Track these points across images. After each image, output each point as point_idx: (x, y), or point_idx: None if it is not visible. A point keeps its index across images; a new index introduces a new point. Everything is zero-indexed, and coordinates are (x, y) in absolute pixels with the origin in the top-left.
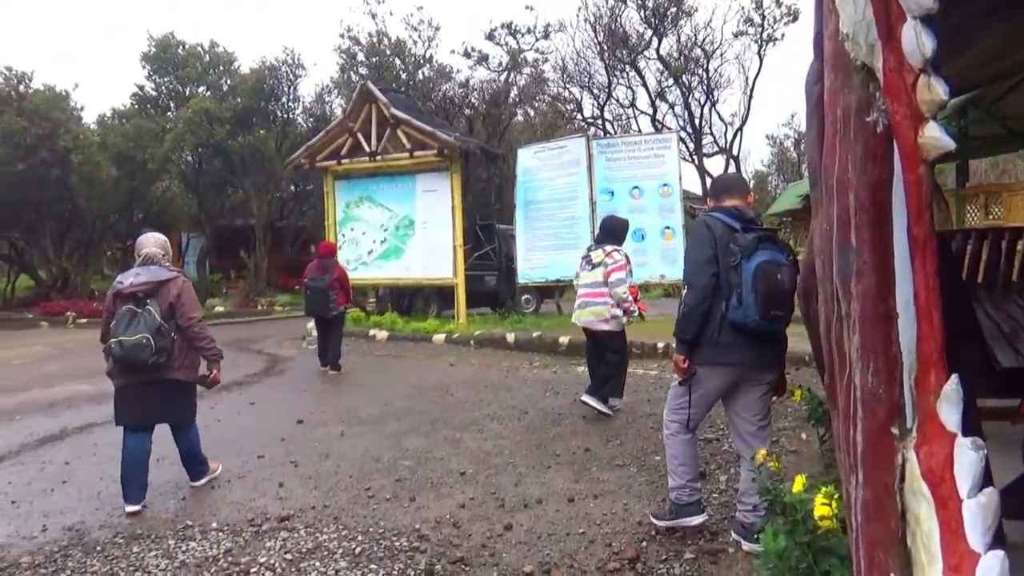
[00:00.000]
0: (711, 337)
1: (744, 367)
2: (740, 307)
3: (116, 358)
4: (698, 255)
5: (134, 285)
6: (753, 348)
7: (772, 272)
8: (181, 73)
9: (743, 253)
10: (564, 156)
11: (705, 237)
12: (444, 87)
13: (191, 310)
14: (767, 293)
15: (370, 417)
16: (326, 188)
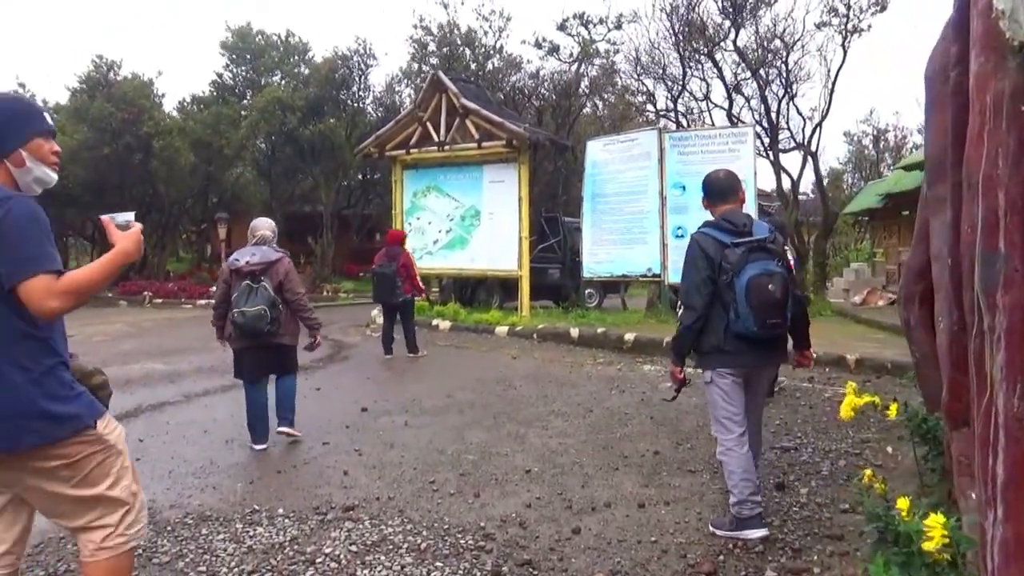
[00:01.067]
0: (719, 346)
1: (753, 367)
2: (739, 320)
3: (238, 325)
4: (694, 276)
5: (250, 264)
6: (757, 352)
7: (763, 285)
8: (258, 62)
9: (733, 270)
10: (635, 149)
11: (699, 257)
12: (514, 78)
13: (297, 286)
14: (760, 305)
15: (433, 408)
16: (394, 177)
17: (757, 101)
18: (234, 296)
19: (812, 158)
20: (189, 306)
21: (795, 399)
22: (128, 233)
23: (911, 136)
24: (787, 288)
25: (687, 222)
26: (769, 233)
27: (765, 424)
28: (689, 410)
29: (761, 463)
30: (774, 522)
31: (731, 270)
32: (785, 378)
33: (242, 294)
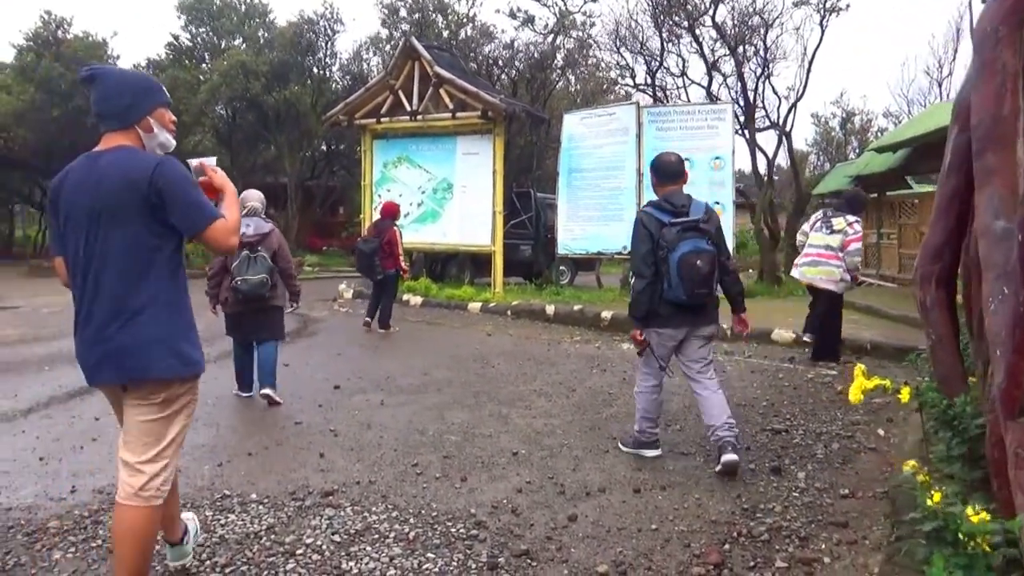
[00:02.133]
0: (655, 310)
1: (683, 328)
2: (671, 288)
3: (241, 291)
4: (641, 249)
5: (247, 236)
6: (686, 316)
7: (692, 261)
8: (216, 24)
9: (669, 247)
10: (612, 124)
11: (644, 233)
12: (487, 48)
13: (288, 255)
14: (689, 278)
15: (410, 386)
16: (364, 147)
17: (734, 79)
18: (234, 265)
19: (786, 138)
20: None
21: (778, 379)
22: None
23: (876, 120)
24: (714, 263)
25: None
26: (704, 213)
27: (751, 405)
28: (673, 390)
29: (754, 445)
30: (776, 508)
31: (667, 246)
32: (766, 359)
33: (243, 263)
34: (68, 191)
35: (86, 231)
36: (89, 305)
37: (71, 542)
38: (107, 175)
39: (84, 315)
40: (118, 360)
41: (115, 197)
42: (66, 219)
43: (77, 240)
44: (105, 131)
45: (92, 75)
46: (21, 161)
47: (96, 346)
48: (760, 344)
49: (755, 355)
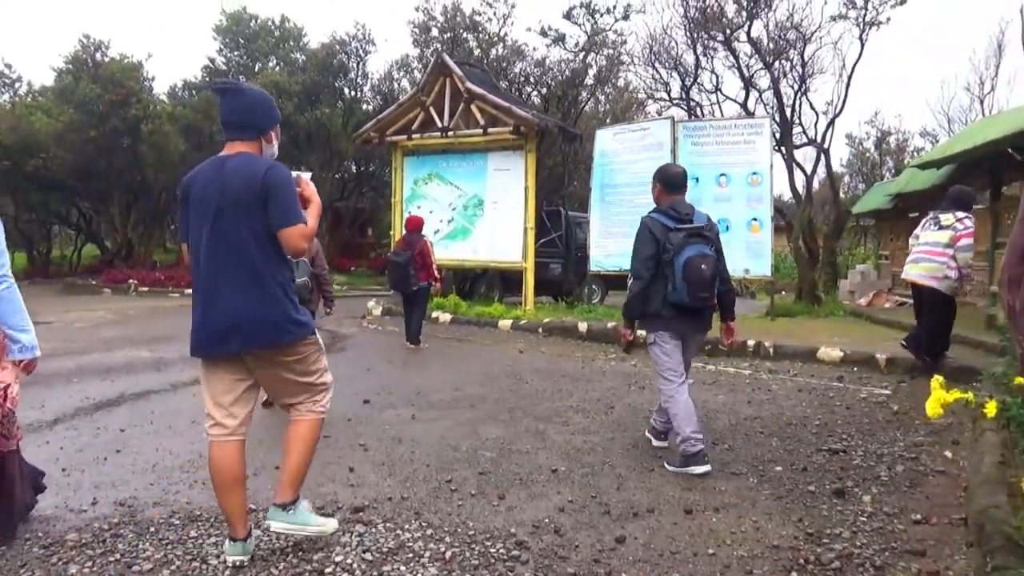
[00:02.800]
0: (658, 312)
1: (684, 331)
2: (675, 291)
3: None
4: (644, 252)
5: None
6: (688, 319)
7: (697, 264)
8: (252, 47)
9: (675, 250)
10: (647, 139)
11: (648, 238)
12: (518, 67)
13: (324, 262)
14: (693, 281)
15: (441, 402)
16: (394, 164)
17: (769, 95)
18: None
19: (824, 155)
20: (176, 295)
21: (828, 398)
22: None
23: (912, 139)
24: (716, 269)
25: None
26: (706, 222)
27: (803, 424)
28: (718, 408)
29: (810, 465)
30: (843, 533)
31: (673, 250)
32: (813, 378)
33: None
34: (197, 188)
35: (212, 221)
36: (215, 284)
37: (88, 556)
38: (232, 175)
39: (208, 293)
40: (248, 330)
41: (238, 193)
42: (198, 209)
43: (202, 228)
44: (231, 139)
45: (227, 88)
46: (59, 182)
47: (224, 317)
48: (805, 363)
49: (801, 373)
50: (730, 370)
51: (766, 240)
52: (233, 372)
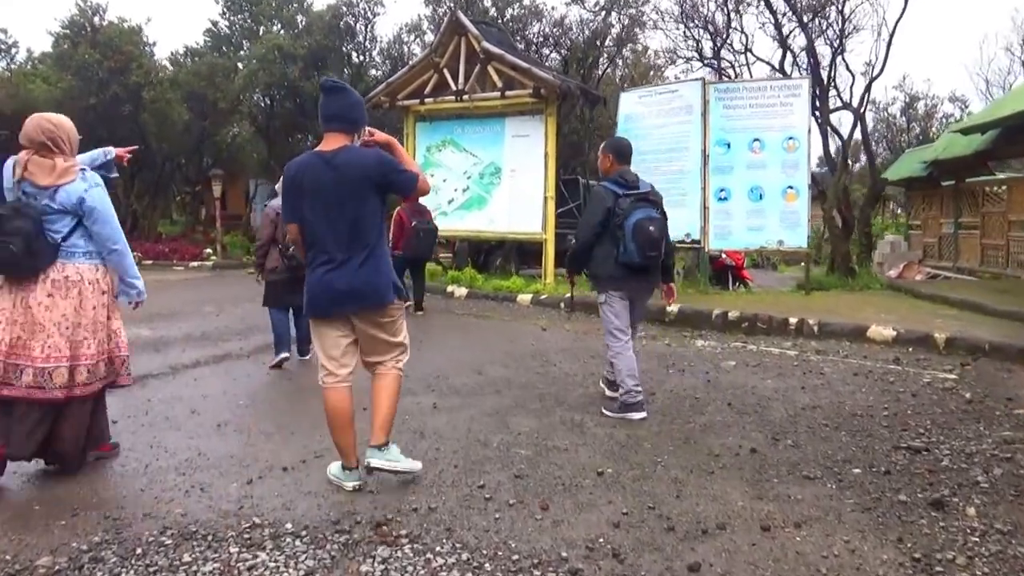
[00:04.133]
0: (611, 272)
1: (633, 290)
2: (626, 252)
3: (295, 259)
4: (591, 218)
5: None
6: (638, 278)
7: (645, 226)
8: (255, 9)
9: (624, 215)
10: (675, 102)
11: (599, 206)
12: (536, 27)
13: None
14: (642, 242)
15: (464, 387)
16: (406, 130)
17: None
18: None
19: (860, 120)
20: (180, 268)
21: (889, 384)
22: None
23: (942, 105)
24: (663, 231)
25: (731, 183)
26: (651, 189)
27: (870, 415)
28: (770, 395)
29: (893, 468)
30: (957, 559)
31: (622, 214)
32: (867, 360)
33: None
34: (311, 178)
35: (333, 206)
36: (335, 257)
37: None
38: (347, 168)
39: (329, 264)
40: (366, 292)
41: (353, 183)
42: (312, 195)
43: (322, 212)
44: (332, 131)
45: (335, 87)
46: None
47: (341, 284)
48: (854, 342)
49: (852, 355)
50: (773, 350)
51: (802, 209)
52: (340, 330)
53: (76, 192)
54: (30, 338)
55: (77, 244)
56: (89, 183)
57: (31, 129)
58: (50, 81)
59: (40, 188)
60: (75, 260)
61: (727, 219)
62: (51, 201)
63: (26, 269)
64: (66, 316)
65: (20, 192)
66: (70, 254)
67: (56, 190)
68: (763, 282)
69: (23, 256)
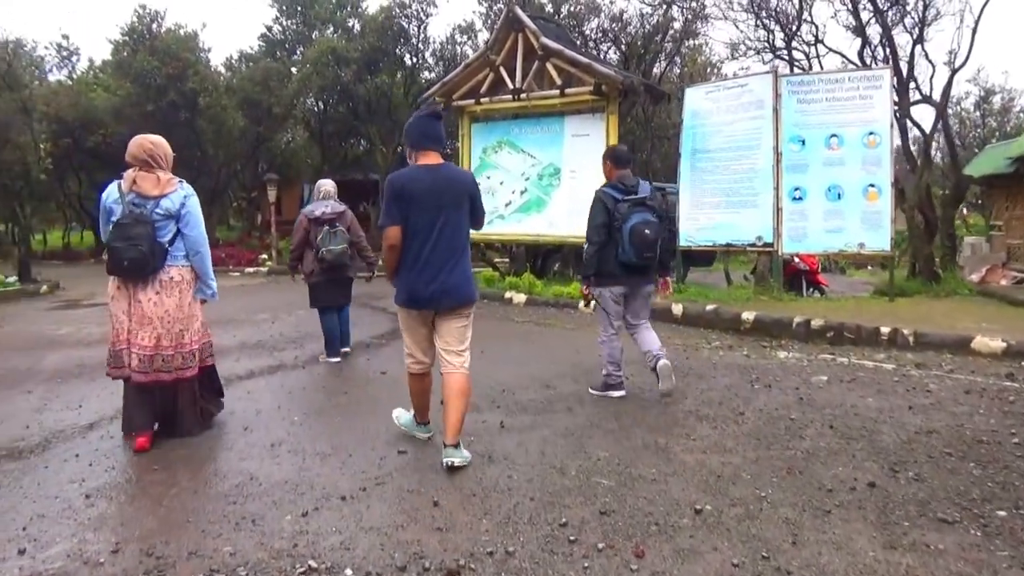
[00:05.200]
0: (609, 270)
1: (630, 285)
2: (624, 252)
3: (326, 260)
4: (596, 220)
5: (326, 214)
6: (634, 275)
7: (641, 230)
8: (310, 13)
9: (622, 219)
10: (744, 96)
11: (601, 208)
12: (594, 23)
13: (360, 231)
14: (638, 244)
15: (532, 403)
16: (461, 131)
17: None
18: (318, 239)
19: (942, 114)
20: (237, 274)
21: (1010, 404)
22: None
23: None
24: (659, 233)
25: (807, 182)
26: (650, 193)
27: (998, 443)
28: (874, 416)
29: None
30: None
31: (620, 218)
32: (974, 375)
33: (326, 236)
34: (420, 188)
35: (440, 214)
36: (438, 258)
37: None
38: (452, 181)
39: (423, 264)
40: (460, 292)
41: (456, 195)
42: (420, 204)
43: (428, 218)
44: (430, 150)
45: (436, 113)
46: (118, 158)
47: (440, 284)
48: (956, 354)
49: (957, 369)
50: (867, 364)
51: (885, 209)
52: (425, 325)
53: (178, 199)
54: (139, 329)
55: (179, 248)
56: (188, 192)
57: (134, 148)
58: (110, 89)
59: (147, 198)
60: (177, 263)
61: (802, 220)
62: (157, 209)
63: (149, 269)
64: (168, 311)
65: (130, 204)
66: (173, 257)
67: (161, 199)
68: (835, 287)
69: (148, 257)
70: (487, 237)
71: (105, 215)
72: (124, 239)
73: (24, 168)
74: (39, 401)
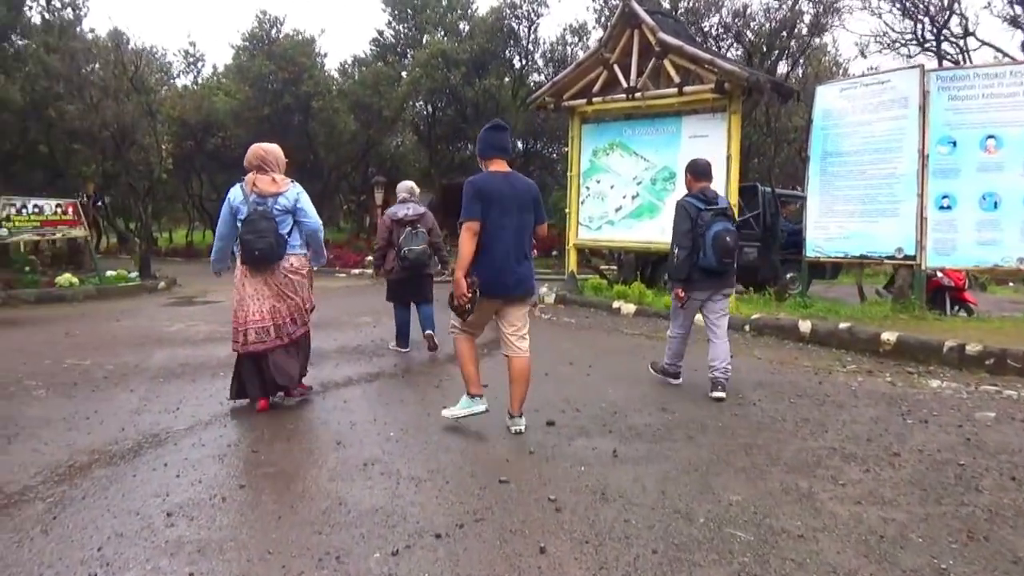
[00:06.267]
0: (691, 276)
1: (710, 290)
2: (705, 258)
3: (407, 259)
4: (682, 227)
5: (408, 216)
6: (714, 280)
7: (723, 237)
8: (420, 17)
9: (705, 227)
10: (886, 94)
11: (685, 216)
12: (714, 19)
13: (439, 232)
14: (720, 250)
15: (648, 429)
16: (571, 133)
17: None
18: (400, 239)
19: None
20: (343, 275)
21: None
22: None
23: None
24: (737, 240)
25: (956, 189)
26: (727, 205)
27: None
28: None
29: None
30: None
31: (703, 226)
32: None
33: (408, 237)
34: (496, 191)
35: (513, 215)
36: (506, 250)
37: None
38: (522, 187)
39: (502, 257)
40: (527, 283)
41: (524, 199)
42: (497, 205)
43: (501, 218)
44: (499, 158)
45: (502, 125)
46: (236, 160)
47: (513, 274)
48: None
49: None
50: None
51: None
52: (492, 310)
53: (292, 195)
54: (259, 307)
55: (294, 239)
56: (299, 188)
57: (250, 155)
58: (230, 93)
59: (266, 196)
60: (295, 251)
61: (950, 231)
62: (276, 205)
63: (275, 258)
64: (286, 292)
65: (253, 203)
66: (292, 247)
67: (278, 196)
68: (981, 306)
69: (275, 246)
70: (596, 243)
71: (232, 214)
72: (253, 232)
73: (147, 168)
74: (139, 401)
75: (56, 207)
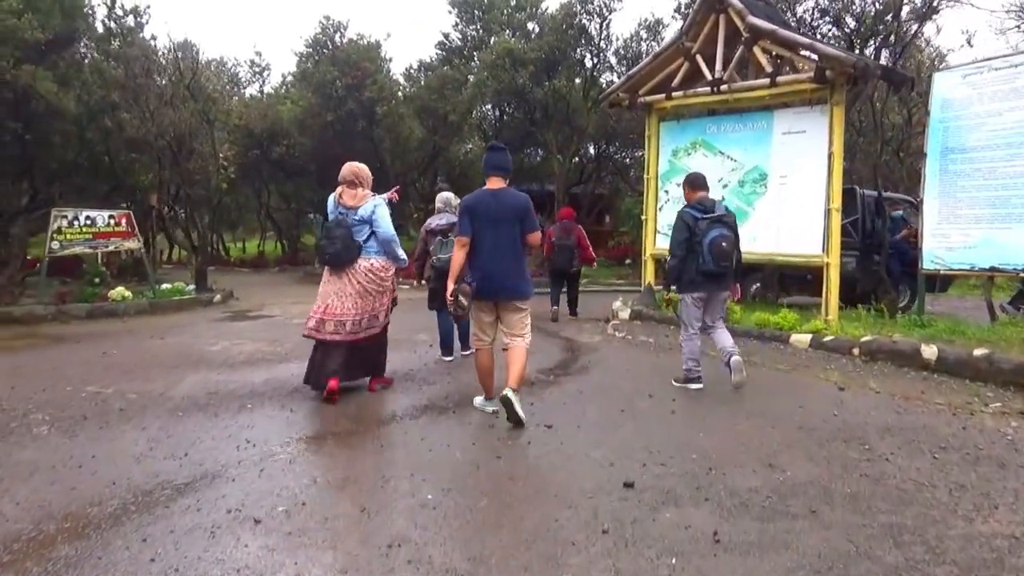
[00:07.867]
0: (692, 278)
1: (709, 290)
2: (704, 262)
3: (437, 268)
4: (679, 237)
5: (440, 226)
6: (713, 281)
7: (719, 243)
8: (487, 17)
9: (702, 234)
10: (1020, 79)
11: (683, 226)
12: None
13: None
14: (716, 254)
15: (755, 497)
16: (648, 132)
17: None
18: (432, 248)
19: None
20: (406, 287)
21: None
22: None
23: None
24: (734, 245)
25: None
26: (725, 212)
27: None
28: None
29: None
30: None
31: (701, 233)
32: None
33: (438, 246)
34: (482, 207)
35: (495, 227)
36: (496, 261)
37: None
38: (507, 202)
39: (490, 266)
40: (513, 288)
41: (509, 212)
42: (484, 219)
43: (487, 231)
44: (496, 176)
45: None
46: (301, 168)
47: (498, 283)
48: None
49: None
50: None
51: None
52: (488, 312)
53: (369, 208)
54: (339, 303)
55: (372, 245)
56: (378, 202)
57: (344, 171)
58: (294, 100)
59: (349, 208)
60: (372, 255)
61: None
62: (354, 216)
63: (346, 260)
64: (361, 290)
65: (339, 212)
66: (368, 251)
67: (358, 208)
68: None
69: (341, 250)
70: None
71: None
72: (328, 238)
73: (205, 176)
74: (146, 443)
75: (109, 218)
